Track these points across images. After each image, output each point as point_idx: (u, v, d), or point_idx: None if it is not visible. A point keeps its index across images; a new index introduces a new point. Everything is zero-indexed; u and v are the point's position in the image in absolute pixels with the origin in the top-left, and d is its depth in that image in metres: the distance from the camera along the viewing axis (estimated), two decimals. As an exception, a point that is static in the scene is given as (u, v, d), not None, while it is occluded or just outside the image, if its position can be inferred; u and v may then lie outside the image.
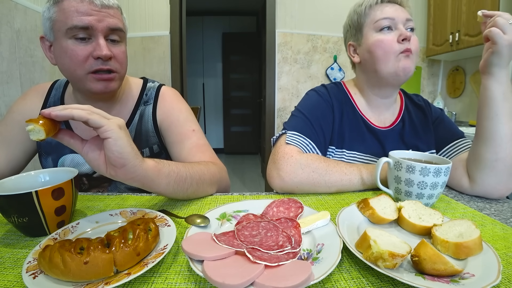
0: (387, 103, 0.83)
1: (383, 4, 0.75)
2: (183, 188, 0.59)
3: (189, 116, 0.81)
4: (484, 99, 0.63)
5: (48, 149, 0.78)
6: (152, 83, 0.84)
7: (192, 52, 4.84)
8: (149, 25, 2.47)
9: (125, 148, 0.45)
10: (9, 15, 1.60)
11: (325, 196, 0.67)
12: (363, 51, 0.78)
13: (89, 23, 0.62)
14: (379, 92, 0.80)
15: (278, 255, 0.38)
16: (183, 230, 0.49)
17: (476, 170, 0.66)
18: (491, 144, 0.62)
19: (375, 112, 0.83)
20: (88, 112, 0.43)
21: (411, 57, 0.71)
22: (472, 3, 2.08)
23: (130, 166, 0.46)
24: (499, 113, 0.61)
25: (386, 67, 0.73)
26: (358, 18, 0.78)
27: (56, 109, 0.42)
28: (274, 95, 2.66)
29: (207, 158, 0.74)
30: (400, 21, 0.72)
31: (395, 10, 0.73)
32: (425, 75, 2.87)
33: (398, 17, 0.72)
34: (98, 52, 0.63)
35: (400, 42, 0.71)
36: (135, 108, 0.80)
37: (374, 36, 0.74)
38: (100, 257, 0.35)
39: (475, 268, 0.37)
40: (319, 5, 2.57)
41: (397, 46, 0.71)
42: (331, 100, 0.81)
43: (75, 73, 0.65)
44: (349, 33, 0.83)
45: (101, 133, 0.43)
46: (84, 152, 0.45)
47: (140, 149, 0.79)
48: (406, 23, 0.73)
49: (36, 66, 1.79)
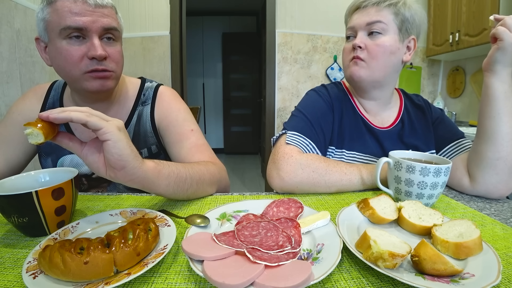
0: (379, 104, 0.83)
1: (354, 13, 0.79)
2: (183, 189, 0.58)
3: (187, 116, 0.81)
4: (486, 97, 0.63)
5: (48, 150, 0.78)
6: (150, 83, 0.84)
7: (192, 52, 4.84)
8: (149, 25, 2.47)
9: (125, 150, 0.44)
10: (9, 15, 1.60)
11: (325, 196, 0.67)
12: None
13: (83, 24, 0.61)
14: (362, 95, 0.83)
15: (278, 255, 0.38)
16: (183, 230, 0.49)
17: (477, 169, 0.66)
18: (492, 143, 0.63)
19: (371, 112, 0.84)
20: (86, 114, 0.43)
21: (359, 64, 0.75)
22: (472, 3, 2.08)
23: (129, 168, 0.46)
24: (500, 112, 0.61)
25: (346, 73, 0.80)
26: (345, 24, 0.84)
27: (54, 112, 0.42)
28: (274, 95, 2.66)
29: (206, 158, 0.74)
30: (359, 28, 0.76)
31: (358, 17, 0.76)
32: (425, 75, 2.87)
33: (358, 25, 0.76)
34: (93, 52, 0.62)
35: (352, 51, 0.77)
36: (133, 109, 0.80)
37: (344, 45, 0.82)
38: (100, 257, 0.35)
39: (475, 268, 0.37)
40: (319, 5, 2.57)
41: (350, 54, 0.78)
42: (331, 100, 0.81)
43: (71, 74, 0.65)
44: None
45: (100, 135, 0.43)
46: (83, 154, 0.45)
47: (139, 149, 0.79)
48: (368, 27, 0.74)
49: (36, 66, 1.79)
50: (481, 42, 2.02)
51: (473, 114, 2.48)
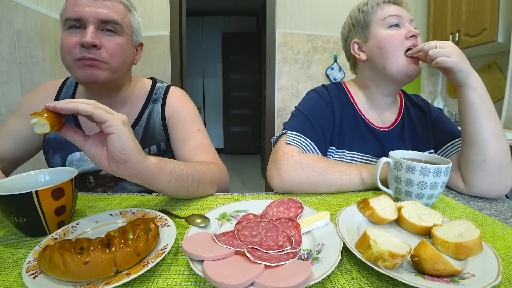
0: (388, 102, 0.83)
1: (388, 4, 0.77)
2: (184, 187, 0.59)
3: (195, 116, 0.83)
4: (462, 105, 0.66)
5: (56, 146, 0.79)
6: (161, 83, 0.87)
7: (192, 52, 4.84)
8: (149, 25, 2.47)
9: (128, 144, 0.45)
10: (9, 15, 1.60)
11: (325, 196, 0.67)
12: (371, 48, 0.78)
13: (80, 14, 0.63)
14: (383, 90, 0.81)
15: (278, 255, 0.38)
16: (183, 230, 0.49)
17: (468, 173, 0.67)
18: (476, 146, 0.64)
19: (375, 111, 0.84)
20: (93, 107, 0.43)
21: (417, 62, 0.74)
22: (472, 3, 2.08)
23: (132, 162, 0.46)
24: (478, 116, 0.63)
25: (397, 62, 0.74)
26: (364, 16, 0.79)
27: (61, 102, 0.42)
28: (274, 95, 2.66)
29: (209, 158, 0.74)
30: (406, 20, 0.75)
31: (400, 9, 0.76)
32: (425, 75, 2.87)
33: (404, 16, 0.76)
34: (83, 39, 0.63)
35: (408, 38, 0.73)
36: (143, 107, 0.81)
37: (383, 32, 0.75)
38: (100, 257, 0.35)
39: (475, 268, 0.37)
40: (319, 5, 2.57)
41: (406, 42, 0.73)
42: (331, 101, 0.81)
43: (65, 61, 0.66)
44: (353, 31, 0.84)
45: (105, 128, 0.43)
46: (87, 147, 0.45)
47: (148, 146, 0.80)
48: (410, 23, 0.76)
49: (36, 66, 1.79)
50: (481, 42, 2.03)
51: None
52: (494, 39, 1.93)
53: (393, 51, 0.73)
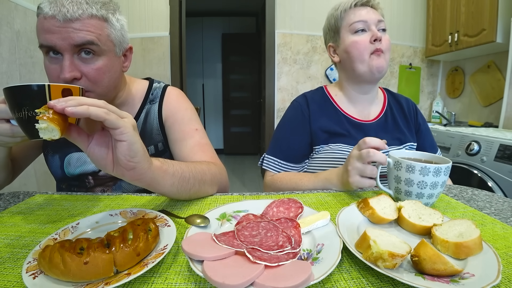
0: (368, 98, 0.90)
1: (356, 8, 0.82)
2: (186, 188, 0.58)
3: (193, 116, 0.83)
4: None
5: (55, 147, 0.78)
6: (158, 84, 0.86)
7: (191, 53, 4.84)
8: (148, 26, 2.47)
9: (139, 152, 0.44)
10: (9, 16, 1.60)
11: (325, 196, 0.67)
12: (341, 52, 0.86)
13: (52, 42, 0.58)
14: (358, 88, 0.88)
15: (278, 255, 0.38)
16: (183, 230, 0.49)
17: None
18: None
19: (357, 108, 0.90)
20: (105, 112, 0.40)
21: (382, 56, 0.79)
22: (471, 4, 2.08)
23: (139, 168, 0.45)
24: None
25: (362, 65, 0.81)
26: (335, 21, 0.86)
27: (70, 103, 0.38)
28: (274, 96, 2.66)
29: (208, 158, 0.74)
30: (372, 23, 0.80)
31: (367, 12, 0.80)
32: (425, 75, 2.88)
33: (370, 19, 0.80)
34: (61, 75, 0.59)
35: (372, 43, 0.79)
36: (140, 107, 0.81)
37: (350, 38, 0.82)
38: (100, 257, 0.35)
39: (475, 268, 0.37)
40: (319, 6, 2.57)
41: (370, 46, 0.79)
42: (307, 107, 0.89)
43: None
44: (328, 35, 0.92)
45: (117, 135, 0.41)
46: (90, 149, 0.43)
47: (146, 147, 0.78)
48: (378, 24, 0.80)
49: (36, 67, 1.79)
50: (480, 43, 2.03)
51: (472, 114, 2.49)
52: (493, 39, 1.93)
53: (359, 56, 0.80)
